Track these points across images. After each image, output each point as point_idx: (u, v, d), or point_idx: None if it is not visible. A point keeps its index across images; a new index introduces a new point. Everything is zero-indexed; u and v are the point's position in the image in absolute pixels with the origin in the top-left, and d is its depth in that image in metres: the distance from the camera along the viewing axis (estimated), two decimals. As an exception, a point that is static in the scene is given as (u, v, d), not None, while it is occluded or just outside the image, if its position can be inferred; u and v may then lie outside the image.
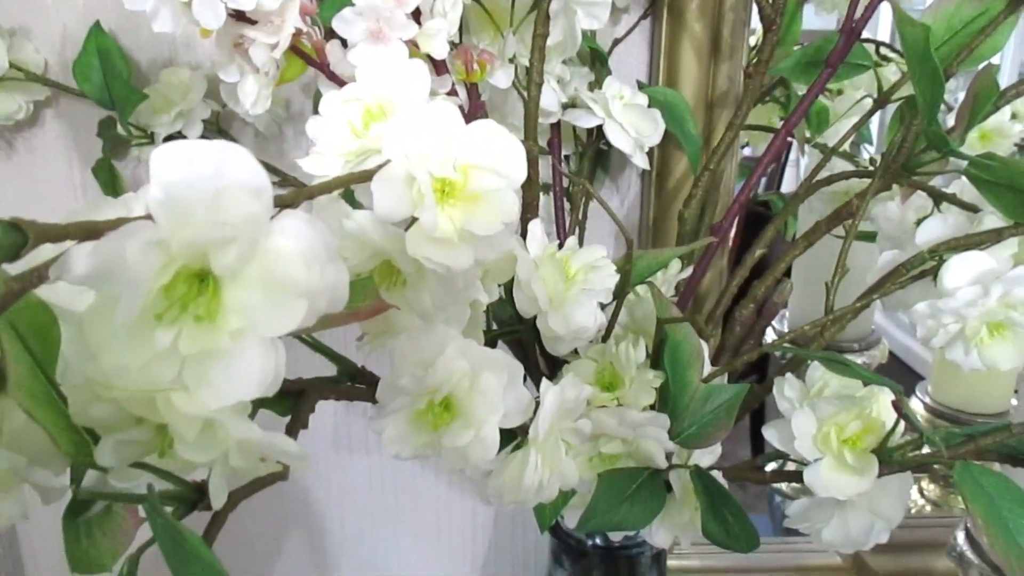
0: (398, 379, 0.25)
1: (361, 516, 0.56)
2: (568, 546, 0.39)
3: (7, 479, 0.17)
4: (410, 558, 0.57)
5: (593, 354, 0.32)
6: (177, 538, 0.15)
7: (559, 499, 0.32)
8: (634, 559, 0.39)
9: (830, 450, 0.31)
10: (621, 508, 0.30)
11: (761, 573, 0.57)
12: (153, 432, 0.16)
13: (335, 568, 0.58)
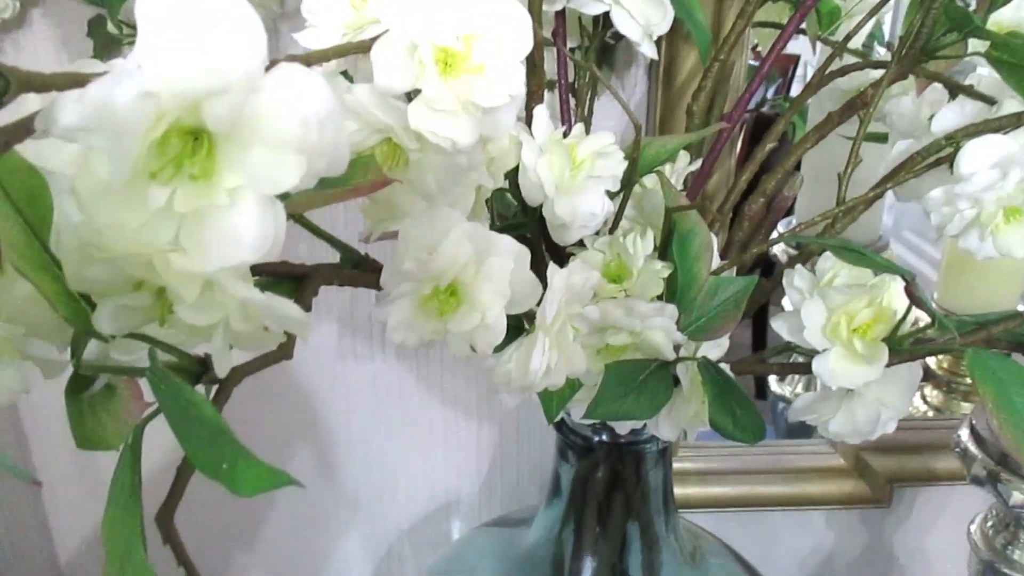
0: (402, 264, 0.24)
1: (367, 422, 0.57)
2: (574, 442, 0.39)
3: (5, 350, 0.17)
4: (416, 463, 0.58)
5: (600, 246, 0.32)
6: (182, 403, 0.15)
7: (566, 390, 0.32)
8: (640, 455, 0.39)
9: (840, 339, 0.30)
10: (628, 398, 0.30)
11: (764, 475, 0.58)
12: (152, 297, 0.16)
13: (342, 471, 0.58)
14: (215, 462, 0.15)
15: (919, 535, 0.61)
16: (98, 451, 0.19)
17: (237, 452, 0.15)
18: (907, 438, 0.58)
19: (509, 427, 0.57)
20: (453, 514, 0.59)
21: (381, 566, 0.61)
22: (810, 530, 0.61)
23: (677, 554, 0.43)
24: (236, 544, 0.61)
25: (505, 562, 0.47)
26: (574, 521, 0.42)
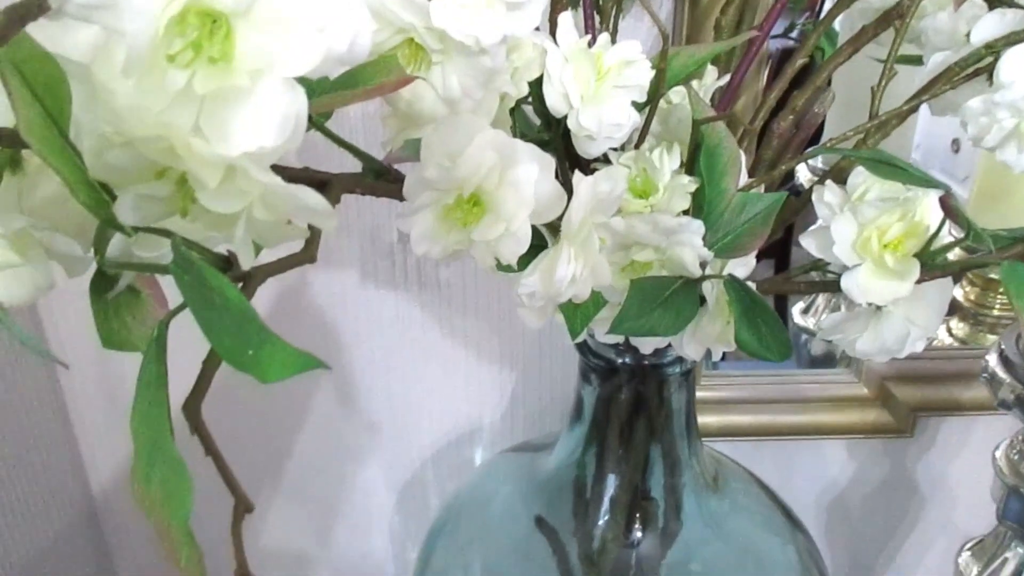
0: (424, 171, 0.24)
1: (390, 353, 0.57)
2: (597, 365, 0.39)
3: (29, 245, 0.17)
4: (439, 390, 0.58)
5: (625, 160, 0.31)
6: (206, 291, 0.15)
7: (590, 307, 0.31)
8: (663, 377, 0.39)
9: (870, 255, 0.30)
10: (654, 314, 0.30)
11: (786, 404, 0.58)
12: (174, 187, 0.16)
13: (365, 399, 0.59)
14: (240, 349, 0.14)
15: (941, 465, 0.61)
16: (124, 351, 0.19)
17: (262, 337, 0.15)
18: (932, 367, 0.58)
19: (532, 355, 0.57)
20: (476, 441, 0.60)
21: (404, 493, 0.62)
22: (831, 460, 0.61)
23: (699, 477, 0.43)
24: (260, 474, 0.62)
25: (527, 486, 0.47)
26: (596, 444, 0.42)
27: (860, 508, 0.64)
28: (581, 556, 0.45)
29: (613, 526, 0.42)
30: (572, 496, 0.45)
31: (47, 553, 0.58)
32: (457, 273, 0.54)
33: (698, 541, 0.44)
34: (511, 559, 0.47)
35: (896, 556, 0.66)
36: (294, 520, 0.63)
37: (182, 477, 0.15)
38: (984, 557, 0.46)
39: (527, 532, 0.47)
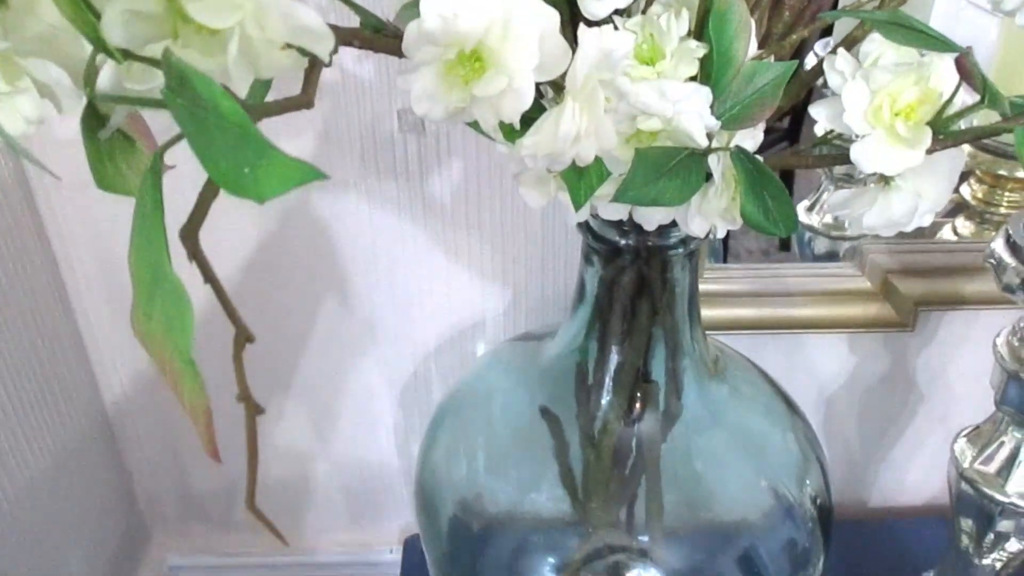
0: (425, 23, 0.23)
1: (391, 244, 0.57)
2: (599, 247, 0.39)
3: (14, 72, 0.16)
4: (441, 284, 0.58)
5: (632, 26, 0.30)
6: (201, 115, 0.14)
7: (593, 177, 0.31)
8: (667, 259, 0.39)
9: (881, 123, 0.29)
10: (659, 183, 0.29)
11: (788, 297, 0.58)
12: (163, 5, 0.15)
13: (366, 293, 0.59)
14: (236, 170, 0.14)
15: (942, 360, 0.62)
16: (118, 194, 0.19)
17: (259, 150, 0.14)
18: (936, 260, 0.58)
19: (534, 248, 0.56)
20: (478, 335, 0.60)
21: (407, 388, 0.63)
22: (833, 354, 0.62)
23: (700, 361, 0.43)
24: (259, 369, 0.62)
25: (529, 373, 0.48)
26: (599, 327, 0.42)
27: (859, 402, 0.64)
28: (583, 440, 0.45)
29: (614, 407, 0.42)
30: (574, 381, 0.45)
31: (63, 466, 0.59)
32: (459, 165, 0.54)
33: (698, 425, 0.45)
34: (514, 446, 0.48)
35: (892, 450, 0.67)
36: (296, 418, 0.64)
37: (182, 301, 0.15)
38: (980, 443, 0.47)
39: (530, 419, 0.47)
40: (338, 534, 0.71)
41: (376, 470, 0.67)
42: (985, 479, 0.46)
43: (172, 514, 0.70)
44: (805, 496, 0.45)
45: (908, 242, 0.58)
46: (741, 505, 0.45)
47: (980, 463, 0.46)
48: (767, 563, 0.44)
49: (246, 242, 0.56)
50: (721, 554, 0.44)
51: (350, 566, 0.71)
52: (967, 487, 0.47)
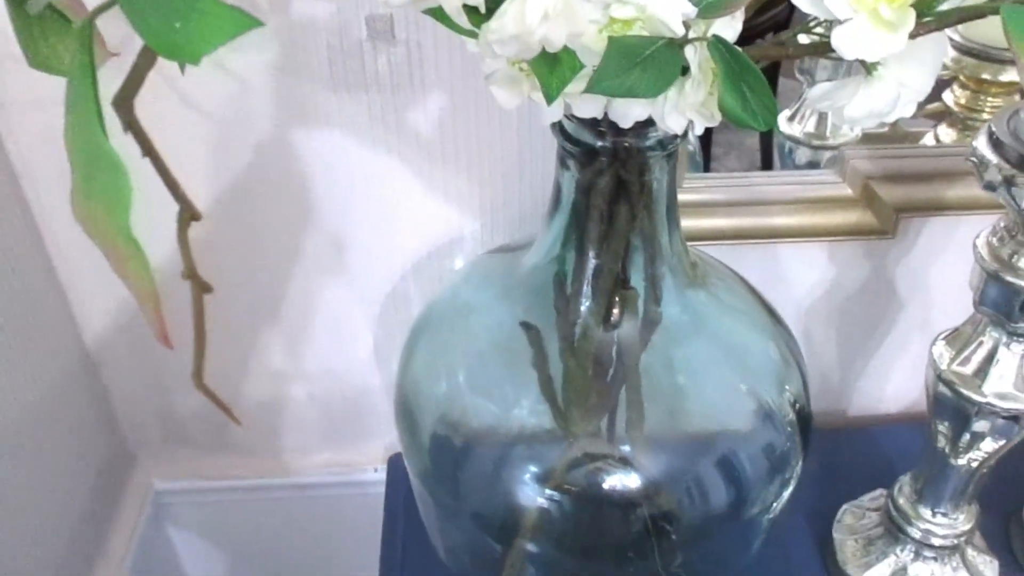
0: None
1: (364, 162, 0.55)
2: (575, 150, 0.38)
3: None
4: (417, 201, 0.57)
5: (604, -94, 0.28)
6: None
7: (566, 70, 0.30)
8: (645, 161, 0.38)
9: (864, 6, 0.28)
10: (633, 73, 0.28)
11: (770, 206, 0.57)
12: None
13: (342, 211, 0.58)
14: (166, 25, 0.13)
15: (922, 266, 0.62)
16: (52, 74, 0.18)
17: (189, 2, 0.13)
18: (917, 166, 0.57)
19: (511, 160, 0.55)
20: (456, 251, 0.59)
21: (385, 306, 0.62)
22: (814, 262, 0.61)
23: (680, 268, 0.43)
24: (230, 299, 0.61)
25: (506, 286, 0.47)
26: (576, 233, 0.41)
27: (839, 311, 0.64)
28: (563, 349, 0.45)
29: (593, 313, 0.42)
30: (553, 291, 0.44)
31: (45, 404, 0.58)
32: (432, 76, 0.52)
33: (678, 331, 0.44)
34: (493, 359, 0.48)
35: (873, 358, 0.68)
36: (274, 339, 0.64)
37: (120, 175, 0.14)
38: (958, 344, 0.47)
39: (509, 331, 0.47)
40: (322, 454, 0.71)
41: (358, 390, 0.66)
42: (962, 380, 0.46)
43: (156, 438, 0.70)
44: (784, 401, 0.45)
45: (889, 148, 0.58)
46: (721, 410, 0.45)
47: (958, 365, 0.46)
48: (746, 467, 0.44)
49: (218, 170, 0.55)
50: (701, 459, 0.45)
51: (335, 486, 0.71)
52: (945, 389, 0.47)
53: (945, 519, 0.53)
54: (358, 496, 0.72)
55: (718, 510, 0.44)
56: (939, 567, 0.54)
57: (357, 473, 0.71)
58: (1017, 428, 0.46)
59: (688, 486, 0.45)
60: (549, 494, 0.46)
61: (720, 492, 0.44)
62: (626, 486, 0.45)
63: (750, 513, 0.45)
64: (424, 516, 0.52)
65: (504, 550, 0.48)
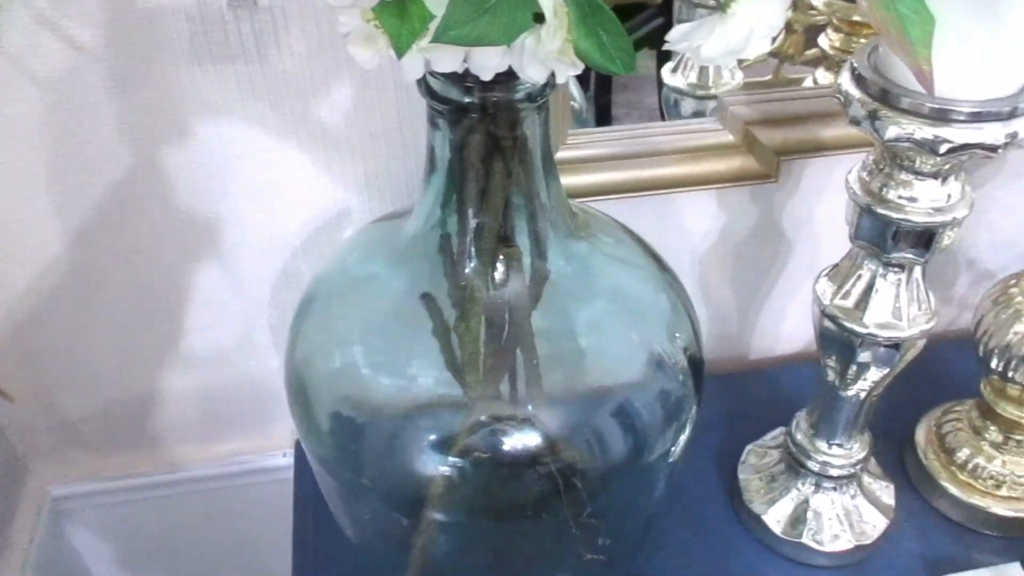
0: None
1: (239, 137, 0.53)
2: (444, 109, 0.37)
3: None
4: (300, 176, 0.56)
5: None
6: None
7: (415, 21, 0.29)
8: (516, 115, 0.37)
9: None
10: (482, 20, 0.27)
11: (654, 157, 0.58)
12: None
13: (221, 193, 0.56)
14: None
15: (807, 207, 0.63)
16: None
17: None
18: (794, 109, 0.58)
19: (392, 125, 0.54)
20: (345, 224, 0.58)
21: (277, 286, 0.61)
22: (704, 210, 0.62)
23: (562, 222, 0.43)
24: (110, 293, 0.59)
25: (394, 254, 0.46)
26: (455, 194, 0.40)
27: (732, 257, 0.66)
28: (456, 316, 0.44)
29: (479, 274, 0.41)
30: (440, 255, 0.44)
31: None
32: (301, 44, 0.50)
33: (567, 287, 0.44)
34: (389, 328, 0.47)
35: (768, 301, 0.69)
36: (163, 326, 0.61)
37: None
38: (839, 279, 0.48)
39: (402, 299, 0.46)
40: (228, 444, 0.69)
41: (256, 374, 0.65)
42: (845, 313, 0.47)
43: (46, 444, 0.67)
44: (675, 348, 0.46)
45: (765, 92, 0.59)
46: (615, 361, 0.46)
47: (840, 299, 0.48)
48: (643, 414, 0.45)
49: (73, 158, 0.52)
50: (599, 410, 0.45)
51: (244, 475, 0.70)
52: (829, 323, 0.48)
53: (841, 450, 0.55)
54: (268, 483, 0.70)
55: (619, 459, 0.45)
56: (838, 496, 0.56)
57: (265, 459, 0.69)
58: (898, 356, 0.48)
59: (588, 439, 0.45)
60: (452, 461, 0.45)
61: (619, 441, 0.45)
62: (528, 445, 0.45)
63: (650, 458, 0.45)
64: (328, 498, 0.51)
65: (413, 523, 0.47)
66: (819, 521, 0.56)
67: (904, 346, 0.47)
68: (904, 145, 0.39)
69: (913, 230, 0.43)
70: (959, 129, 0.38)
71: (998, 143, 0.38)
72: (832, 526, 0.56)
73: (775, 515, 0.57)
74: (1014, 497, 0.58)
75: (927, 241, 0.44)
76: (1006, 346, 0.53)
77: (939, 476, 0.60)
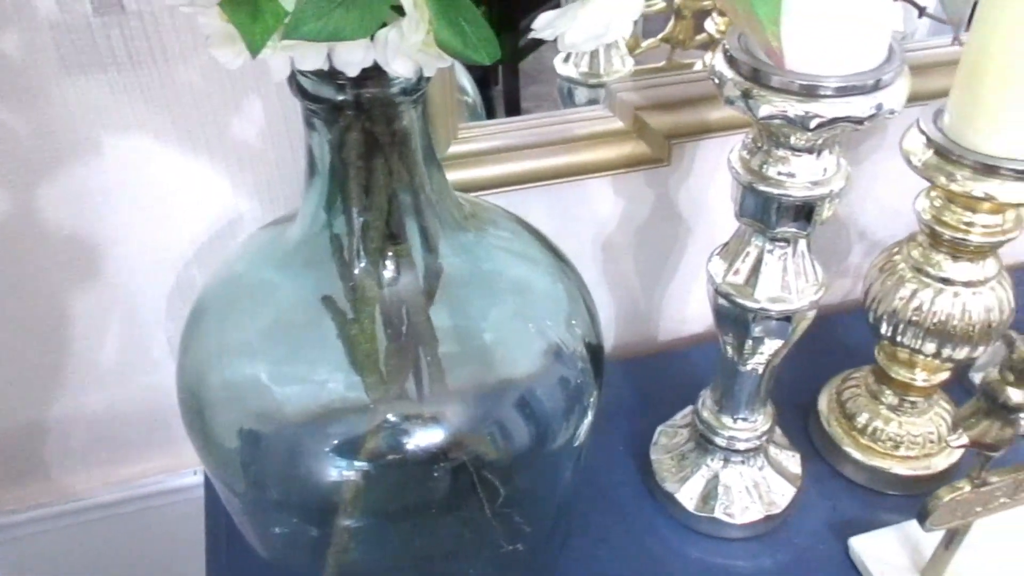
0: None
1: (118, 149, 0.51)
2: (317, 107, 0.36)
3: None
4: (189, 185, 0.54)
5: None
6: None
7: (268, 18, 0.28)
8: (393, 111, 0.37)
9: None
10: (335, 14, 0.27)
11: (548, 147, 0.58)
12: None
13: (106, 208, 0.54)
14: None
15: (701, 188, 0.64)
16: None
17: None
18: (680, 93, 0.59)
19: (278, 127, 0.53)
20: (238, 232, 0.57)
21: (172, 299, 0.59)
22: (599, 198, 0.63)
23: (450, 216, 0.42)
24: (7, 309, 0.56)
25: (281, 258, 0.45)
26: (338, 195, 0.40)
27: (634, 243, 0.66)
28: (351, 319, 0.44)
29: (369, 273, 0.41)
30: (333, 257, 0.43)
31: None
32: (175, 48, 0.49)
33: (461, 281, 0.44)
34: (288, 336, 0.46)
35: (671, 284, 0.71)
36: (53, 351, 0.59)
37: None
38: (729, 257, 0.49)
39: (300, 305, 0.45)
40: (137, 465, 0.67)
41: (158, 391, 0.63)
42: (737, 290, 0.48)
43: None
44: (572, 336, 0.46)
45: (653, 77, 0.59)
46: (515, 352, 0.46)
47: (731, 276, 0.49)
48: (544, 403, 0.45)
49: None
50: (501, 401, 0.45)
51: (153, 497, 0.68)
52: (723, 301, 0.49)
53: (745, 423, 0.56)
54: (180, 503, 0.68)
55: (524, 447, 0.45)
56: (747, 469, 0.58)
57: (175, 479, 0.67)
58: (790, 327, 0.49)
59: (492, 431, 0.45)
60: (359, 465, 0.45)
61: (523, 431, 0.45)
62: (433, 442, 0.45)
63: (555, 445, 0.45)
64: (235, 516, 0.50)
65: (325, 533, 0.47)
66: (729, 495, 0.57)
67: (795, 318, 0.49)
68: (777, 122, 0.40)
69: (794, 204, 0.44)
70: (828, 104, 0.39)
71: (865, 115, 0.40)
72: (742, 499, 0.57)
73: (687, 492, 0.58)
74: (911, 456, 0.60)
75: (808, 214, 0.45)
76: (893, 312, 0.54)
77: (842, 442, 0.62)
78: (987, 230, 0.51)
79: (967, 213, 0.50)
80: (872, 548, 0.56)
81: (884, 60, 0.40)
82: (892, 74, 0.40)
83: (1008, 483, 0.49)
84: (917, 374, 0.59)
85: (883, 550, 0.56)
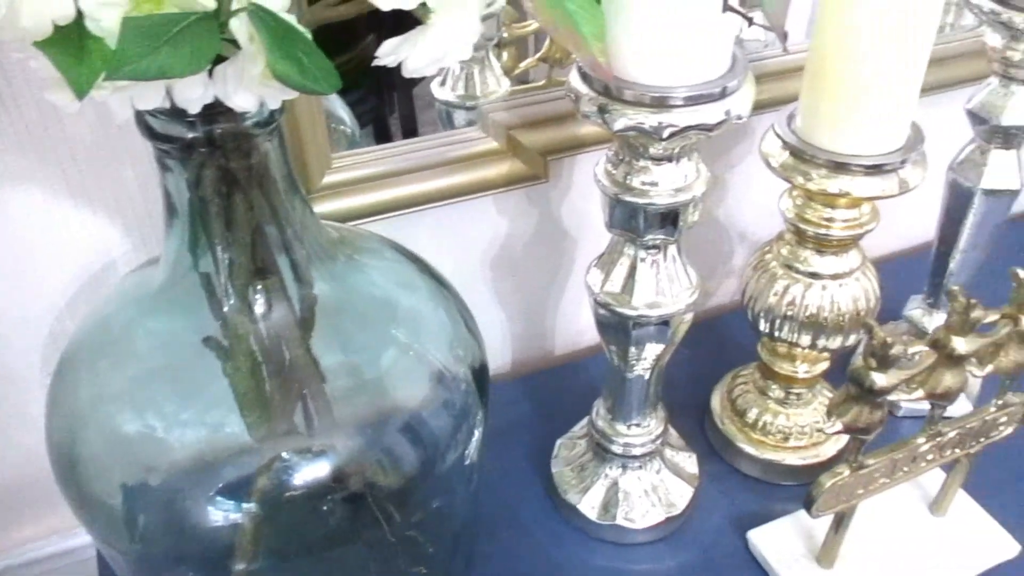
0: None
1: None
2: (168, 147, 0.36)
3: None
4: (55, 231, 0.52)
5: None
6: None
7: (95, 60, 0.28)
8: (248, 145, 0.36)
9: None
10: (161, 52, 0.26)
11: (425, 171, 0.58)
12: None
13: None
14: None
15: (582, 202, 0.66)
16: None
17: None
18: (550, 110, 0.60)
19: (144, 167, 0.52)
20: (111, 275, 0.55)
21: (46, 352, 0.57)
22: (484, 219, 0.63)
23: (319, 247, 0.42)
24: None
25: (146, 303, 0.44)
26: (201, 235, 0.39)
27: (523, 258, 0.67)
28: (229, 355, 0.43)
29: (240, 311, 0.40)
30: (199, 299, 0.42)
31: None
32: (23, 86, 0.47)
33: (338, 311, 0.44)
34: (167, 378, 0.44)
35: (563, 297, 0.72)
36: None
37: None
38: (605, 267, 0.50)
39: (174, 346, 0.44)
40: (21, 530, 0.64)
41: (39, 448, 0.60)
42: (615, 299, 0.49)
43: None
44: (454, 359, 0.46)
45: (523, 97, 0.60)
46: (398, 379, 0.45)
47: (608, 286, 0.50)
48: (430, 426, 0.45)
49: None
50: (387, 428, 0.45)
51: (43, 561, 0.65)
52: (603, 311, 0.50)
53: (639, 429, 0.57)
54: (74, 564, 0.65)
55: (416, 469, 0.45)
56: (644, 473, 0.59)
57: (66, 540, 0.64)
58: (670, 331, 0.51)
59: (380, 458, 0.44)
60: (250, 507, 0.44)
61: (411, 455, 0.45)
62: (322, 474, 0.44)
63: (447, 465, 0.45)
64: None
65: (225, 581, 0.45)
66: (629, 501, 0.58)
67: (673, 322, 0.50)
68: (633, 134, 0.42)
69: (659, 212, 0.46)
70: (679, 113, 0.41)
71: (714, 122, 0.41)
72: (642, 503, 0.58)
73: (589, 502, 0.59)
74: (801, 447, 0.63)
75: (674, 220, 0.46)
76: (769, 308, 0.57)
77: (736, 438, 0.64)
78: (847, 224, 0.53)
79: (827, 209, 0.53)
80: (769, 539, 0.58)
81: (728, 68, 0.42)
82: (737, 81, 0.42)
83: (885, 464, 0.51)
84: (798, 366, 0.61)
85: (779, 540, 0.58)
